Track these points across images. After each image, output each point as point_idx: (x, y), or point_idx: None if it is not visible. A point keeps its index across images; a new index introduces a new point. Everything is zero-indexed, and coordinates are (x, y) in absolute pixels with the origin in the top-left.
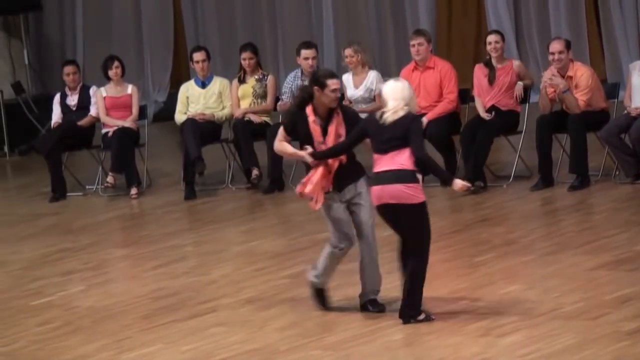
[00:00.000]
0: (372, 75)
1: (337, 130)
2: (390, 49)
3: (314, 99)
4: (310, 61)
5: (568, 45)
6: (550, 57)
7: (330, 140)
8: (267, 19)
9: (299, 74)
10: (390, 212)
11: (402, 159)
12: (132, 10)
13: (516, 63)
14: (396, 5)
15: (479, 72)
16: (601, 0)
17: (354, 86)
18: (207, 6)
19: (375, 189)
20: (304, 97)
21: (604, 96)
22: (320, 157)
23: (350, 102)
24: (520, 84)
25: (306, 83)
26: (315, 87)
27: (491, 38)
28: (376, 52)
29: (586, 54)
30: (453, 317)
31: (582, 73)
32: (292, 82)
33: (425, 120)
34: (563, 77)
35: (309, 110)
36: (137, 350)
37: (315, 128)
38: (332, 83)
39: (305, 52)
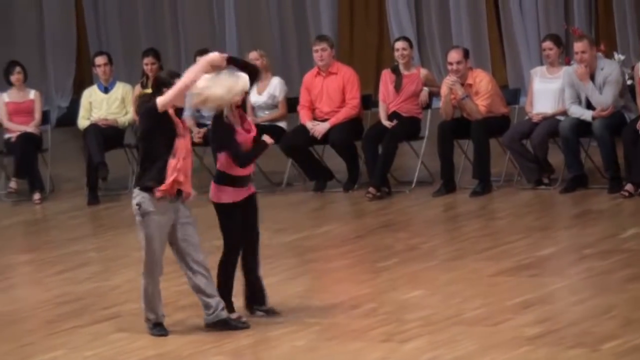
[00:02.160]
0: (276, 82)
1: None
2: (292, 54)
3: None
4: None
5: (466, 54)
6: (449, 67)
7: None
8: (169, 23)
9: None
10: None
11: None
12: (34, 15)
13: (423, 72)
14: (298, 11)
15: (386, 78)
16: (502, 6)
17: (257, 92)
18: (110, 11)
19: None
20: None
21: (504, 102)
22: None
23: (254, 108)
24: (426, 89)
25: None
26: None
27: (399, 45)
28: (279, 58)
29: (487, 60)
30: (356, 323)
31: (481, 79)
32: None
33: (327, 125)
34: (462, 85)
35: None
36: (40, 355)
37: None
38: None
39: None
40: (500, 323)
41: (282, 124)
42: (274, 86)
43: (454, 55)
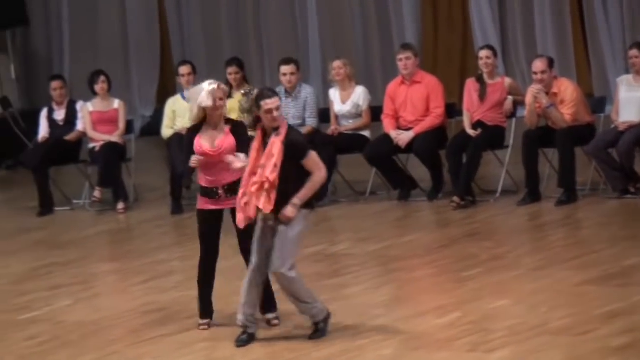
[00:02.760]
0: (360, 91)
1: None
2: (376, 63)
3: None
4: (288, 77)
5: (551, 63)
6: (534, 76)
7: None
8: (253, 33)
9: (282, 90)
10: None
11: None
12: (118, 24)
13: (508, 81)
14: (382, 19)
15: (470, 87)
16: (587, 15)
17: (341, 101)
18: (194, 20)
19: None
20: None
21: (589, 110)
22: None
23: (337, 117)
24: (510, 98)
25: (289, 100)
26: (256, 110)
27: (483, 53)
28: (362, 67)
29: (573, 69)
30: (441, 333)
31: (566, 88)
32: None
33: (412, 134)
34: (547, 93)
35: (258, 131)
36: None
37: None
38: (265, 104)
39: (283, 69)
40: (586, 333)
41: (366, 133)
42: (358, 95)
43: (538, 65)
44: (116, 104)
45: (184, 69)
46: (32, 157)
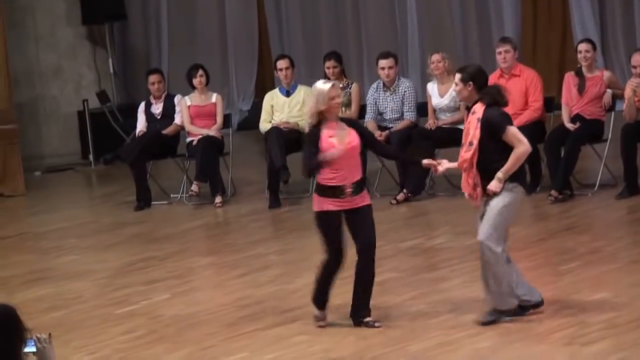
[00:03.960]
0: None
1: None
2: (475, 57)
3: None
4: (386, 71)
5: None
6: (633, 70)
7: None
8: (351, 27)
9: (381, 84)
10: None
11: None
12: (216, 19)
13: (607, 74)
14: (481, 13)
15: (569, 81)
16: None
17: (439, 95)
18: (292, 14)
19: None
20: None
21: None
22: None
23: (435, 111)
24: (609, 91)
25: (387, 93)
26: None
27: (582, 47)
28: (461, 61)
29: None
30: (539, 326)
31: None
32: (375, 92)
33: None
34: None
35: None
36: (221, 358)
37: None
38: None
39: (382, 62)
40: None
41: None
42: None
43: (637, 58)
44: (214, 98)
45: (282, 63)
46: (129, 151)
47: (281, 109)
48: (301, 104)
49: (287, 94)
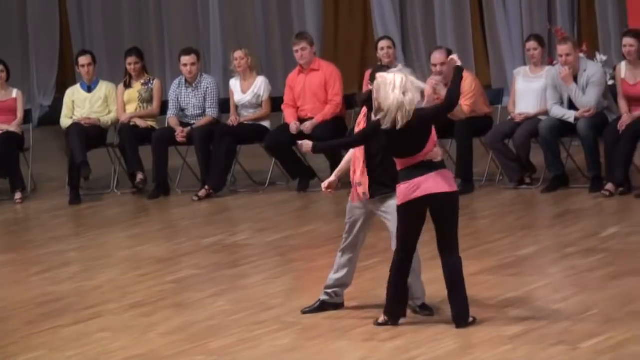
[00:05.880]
0: (260, 81)
1: None
2: (277, 53)
3: None
4: (189, 67)
5: (450, 54)
6: (433, 68)
7: None
8: (153, 23)
9: (183, 81)
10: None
11: None
12: (17, 13)
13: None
14: (283, 9)
15: (369, 78)
16: (486, 7)
17: (242, 91)
18: (94, 10)
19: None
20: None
21: (487, 102)
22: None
23: (237, 107)
24: None
25: (189, 90)
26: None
27: (382, 44)
28: (264, 57)
29: (471, 60)
30: (338, 322)
31: (464, 79)
32: (177, 89)
33: (314, 122)
34: (446, 85)
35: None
36: (22, 355)
37: None
38: None
39: (184, 59)
40: (481, 322)
41: (266, 123)
42: (259, 85)
43: (437, 56)
44: (14, 93)
45: (83, 59)
46: None
47: (82, 104)
48: (103, 99)
49: (89, 89)
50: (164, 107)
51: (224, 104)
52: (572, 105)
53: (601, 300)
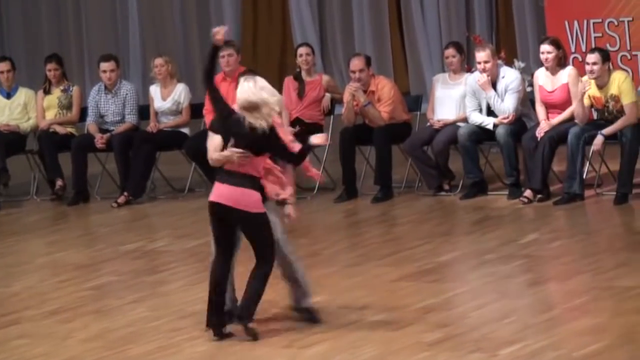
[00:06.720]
0: (180, 88)
1: None
2: (196, 59)
3: None
4: (108, 74)
5: (368, 61)
6: (351, 75)
7: None
8: (72, 29)
9: (102, 87)
10: None
11: None
12: None
13: (325, 78)
14: (202, 16)
15: (289, 85)
16: (405, 14)
17: (162, 98)
18: (13, 16)
19: None
20: None
21: (406, 108)
22: None
23: (157, 114)
24: (328, 95)
25: (109, 96)
26: None
27: (301, 51)
28: (182, 63)
29: (390, 67)
30: (260, 329)
31: (383, 86)
32: (96, 95)
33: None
34: (365, 92)
35: None
36: None
37: None
38: None
39: (103, 65)
40: (400, 329)
41: (185, 130)
42: (179, 92)
43: (356, 63)
44: None
45: (2, 66)
46: None
47: (1, 111)
48: (22, 106)
49: (8, 96)
50: (83, 113)
51: (144, 111)
52: (490, 112)
53: (520, 307)
